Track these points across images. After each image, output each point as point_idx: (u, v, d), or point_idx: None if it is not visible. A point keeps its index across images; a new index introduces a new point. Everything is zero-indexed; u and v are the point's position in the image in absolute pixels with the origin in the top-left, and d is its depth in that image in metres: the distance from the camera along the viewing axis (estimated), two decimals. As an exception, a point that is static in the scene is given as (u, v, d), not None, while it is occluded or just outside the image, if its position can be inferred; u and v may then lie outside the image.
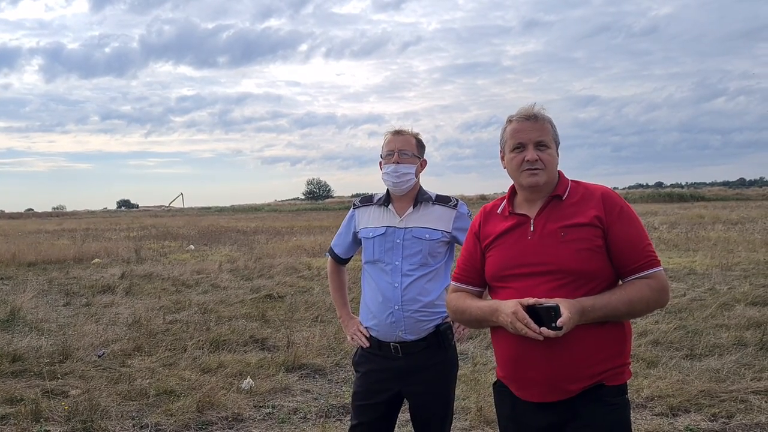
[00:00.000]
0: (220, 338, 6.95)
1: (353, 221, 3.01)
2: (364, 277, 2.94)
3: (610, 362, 2.07)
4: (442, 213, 2.87)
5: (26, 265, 14.68)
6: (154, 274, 12.66)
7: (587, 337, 2.01)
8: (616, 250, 2.07)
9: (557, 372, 2.04)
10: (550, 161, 2.14)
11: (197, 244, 20.66)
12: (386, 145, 2.90)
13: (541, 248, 2.09)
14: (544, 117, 2.17)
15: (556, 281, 2.04)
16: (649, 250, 2.09)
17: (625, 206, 2.12)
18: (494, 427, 4.35)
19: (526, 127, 2.14)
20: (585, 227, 2.07)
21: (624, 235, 2.07)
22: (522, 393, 2.14)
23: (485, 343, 6.66)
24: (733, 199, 51.72)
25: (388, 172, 2.84)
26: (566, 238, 2.07)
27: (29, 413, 4.67)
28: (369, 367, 2.88)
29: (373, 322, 2.85)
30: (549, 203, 2.15)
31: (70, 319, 8.39)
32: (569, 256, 2.05)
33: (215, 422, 4.67)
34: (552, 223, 2.11)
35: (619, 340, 2.10)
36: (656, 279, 2.07)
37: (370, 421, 2.85)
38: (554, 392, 2.07)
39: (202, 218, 47.07)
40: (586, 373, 2.04)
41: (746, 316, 7.39)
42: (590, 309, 1.99)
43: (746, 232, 18.75)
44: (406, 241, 2.81)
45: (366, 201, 3.00)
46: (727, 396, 4.80)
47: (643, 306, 2.06)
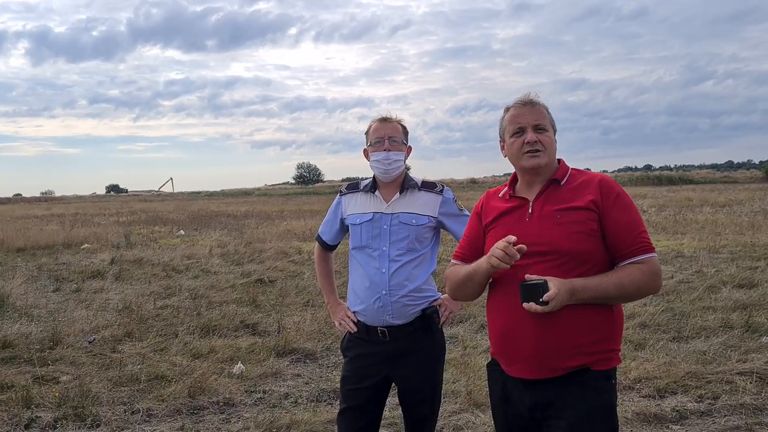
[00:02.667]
0: (211, 323, 6.96)
1: (340, 208, 3.02)
2: (351, 263, 2.95)
3: (598, 346, 2.11)
4: (428, 199, 2.89)
5: (15, 250, 14.58)
6: (144, 259, 12.62)
7: (576, 317, 2.06)
8: (610, 234, 2.12)
9: (545, 348, 2.09)
10: (549, 143, 2.22)
11: (187, 229, 20.60)
12: (374, 133, 2.89)
13: (537, 229, 2.15)
14: (540, 102, 2.26)
15: (550, 261, 2.09)
16: (643, 237, 2.13)
17: (621, 193, 2.17)
18: (484, 410, 4.40)
19: (524, 111, 2.23)
20: (581, 211, 2.13)
21: (619, 220, 2.12)
22: (511, 369, 2.20)
23: (475, 326, 6.71)
24: (721, 181, 52.06)
25: (378, 160, 2.84)
26: (561, 221, 2.13)
27: (20, 399, 4.67)
28: (357, 351, 2.89)
29: (361, 307, 2.86)
30: (548, 187, 2.22)
31: (60, 305, 8.36)
32: (563, 237, 2.11)
33: (206, 407, 4.69)
34: (549, 205, 2.18)
35: (609, 324, 2.14)
36: (649, 264, 2.11)
37: (359, 405, 2.87)
38: (541, 369, 2.11)
39: (192, 203, 46.88)
40: (573, 353, 2.08)
41: (733, 298, 7.48)
42: (580, 289, 2.04)
43: (734, 214, 18.89)
44: (393, 227, 2.82)
45: (352, 188, 3.01)
46: (713, 377, 4.87)
47: (633, 290, 2.10)
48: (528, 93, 2.28)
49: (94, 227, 21.35)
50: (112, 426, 4.35)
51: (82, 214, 32.15)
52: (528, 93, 2.28)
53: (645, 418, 4.26)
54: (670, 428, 4.14)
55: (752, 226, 15.33)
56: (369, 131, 2.92)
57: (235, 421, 4.44)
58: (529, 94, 2.26)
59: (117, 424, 4.39)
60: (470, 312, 7.22)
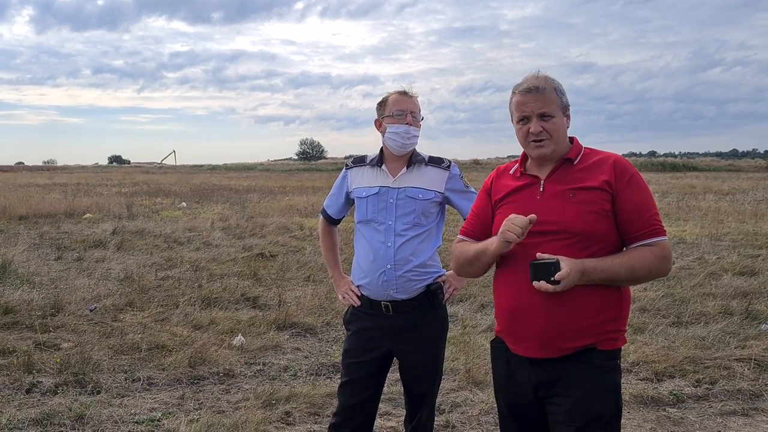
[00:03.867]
0: (212, 295, 6.98)
1: (346, 181, 2.99)
2: (356, 236, 2.94)
3: (604, 326, 2.11)
4: (435, 174, 2.87)
5: (17, 218, 14.60)
6: (146, 230, 12.64)
7: (585, 297, 2.06)
8: (622, 216, 2.10)
9: (552, 327, 2.08)
10: (556, 130, 2.16)
11: (189, 201, 20.60)
12: (394, 104, 2.84)
13: (548, 208, 2.13)
14: (547, 86, 2.16)
15: (562, 241, 2.08)
16: (655, 219, 2.12)
17: (635, 174, 2.14)
18: (482, 388, 4.43)
19: (528, 99, 2.16)
20: (594, 191, 2.11)
21: (631, 202, 2.10)
22: (517, 347, 2.19)
23: (475, 306, 6.73)
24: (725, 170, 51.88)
25: (398, 132, 2.80)
26: (574, 200, 2.11)
27: (21, 365, 4.71)
28: (360, 325, 2.89)
29: (366, 280, 2.85)
30: (560, 166, 2.19)
31: (62, 273, 8.39)
32: (575, 217, 2.09)
33: (206, 377, 4.72)
34: (561, 185, 2.15)
35: (616, 305, 2.13)
36: (660, 247, 2.09)
37: (360, 378, 2.87)
38: (548, 348, 2.11)
39: (195, 176, 46.85)
40: (580, 332, 2.08)
41: (733, 285, 7.49)
42: (591, 270, 2.02)
43: (737, 202, 18.86)
44: (399, 201, 2.81)
45: (359, 161, 2.97)
46: (711, 363, 4.89)
47: (644, 273, 2.09)
48: (536, 73, 2.19)
49: (96, 197, 21.37)
50: (112, 393, 4.38)
51: (85, 184, 32.15)
52: (536, 73, 2.19)
53: (642, 400, 4.29)
54: (666, 411, 4.17)
55: (755, 214, 15.30)
56: (387, 102, 2.87)
57: (234, 392, 4.47)
58: (536, 75, 2.19)
59: (117, 391, 4.42)
60: (470, 292, 7.23)
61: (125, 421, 3.95)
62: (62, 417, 3.97)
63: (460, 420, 4.02)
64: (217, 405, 4.24)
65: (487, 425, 3.97)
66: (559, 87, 2.20)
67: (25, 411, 4.05)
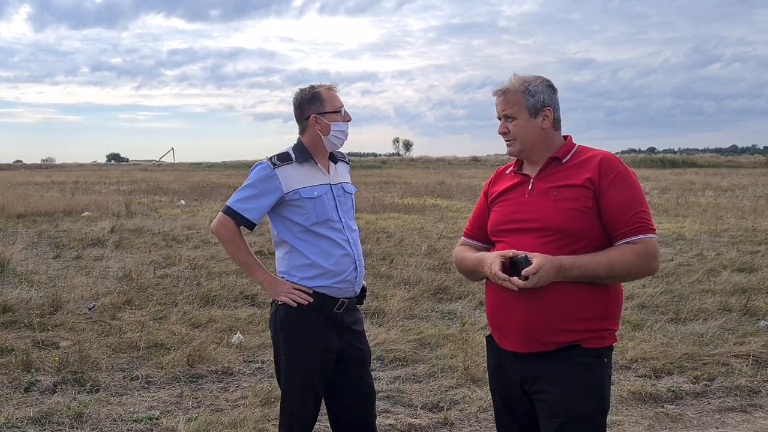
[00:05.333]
0: (211, 293, 6.97)
1: (276, 182, 2.72)
2: (308, 239, 2.75)
3: (588, 324, 2.12)
4: (345, 167, 2.97)
5: (15, 216, 14.59)
6: (145, 228, 12.63)
7: (565, 294, 2.08)
8: (606, 213, 2.11)
9: (532, 322, 2.12)
10: (518, 131, 2.22)
11: (188, 199, 20.59)
12: (333, 101, 2.77)
13: (533, 206, 2.19)
14: (513, 89, 2.23)
15: (543, 238, 2.12)
16: (641, 217, 2.11)
17: (622, 172, 2.14)
18: (480, 385, 4.43)
19: (496, 101, 2.28)
20: (576, 188, 2.14)
21: (615, 199, 2.10)
22: (502, 342, 2.25)
23: (474, 303, 6.73)
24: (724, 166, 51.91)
25: (343, 130, 2.80)
26: (557, 197, 2.15)
27: (20, 363, 4.71)
28: (323, 344, 2.76)
29: (334, 280, 2.74)
30: (549, 165, 2.23)
31: (60, 272, 8.39)
32: (556, 214, 2.12)
33: (205, 375, 4.72)
34: (548, 182, 2.20)
35: (601, 303, 2.14)
36: (644, 245, 2.09)
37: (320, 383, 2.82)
38: (530, 343, 2.15)
39: (193, 174, 46.82)
40: (560, 328, 2.11)
41: (732, 282, 7.49)
42: (568, 267, 2.05)
43: (736, 199, 18.87)
44: (341, 197, 2.83)
45: (285, 159, 2.77)
46: (709, 359, 4.89)
47: (624, 271, 2.09)
48: (512, 75, 2.26)
49: (94, 195, 21.35)
50: (111, 391, 4.38)
51: (83, 182, 32.12)
52: (512, 75, 2.26)
53: (640, 397, 4.29)
54: (664, 408, 4.17)
55: (754, 210, 15.31)
56: (323, 98, 2.76)
57: (233, 390, 4.47)
58: (513, 77, 2.25)
59: (116, 389, 4.42)
60: (469, 289, 7.23)
61: (124, 420, 3.95)
62: (61, 415, 3.97)
63: (458, 417, 4.03)
64: (216, 403, 4.24)
65: (485, 422, 3.98)
66: (532, 88, 2.21)
67: (24, 410, 4.05)
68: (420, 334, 5.56)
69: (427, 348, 5.29)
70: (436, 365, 4.87)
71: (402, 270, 8.15)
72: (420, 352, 5.20)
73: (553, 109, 2.23)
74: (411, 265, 8.53)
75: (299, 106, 2.80)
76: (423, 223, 13.66)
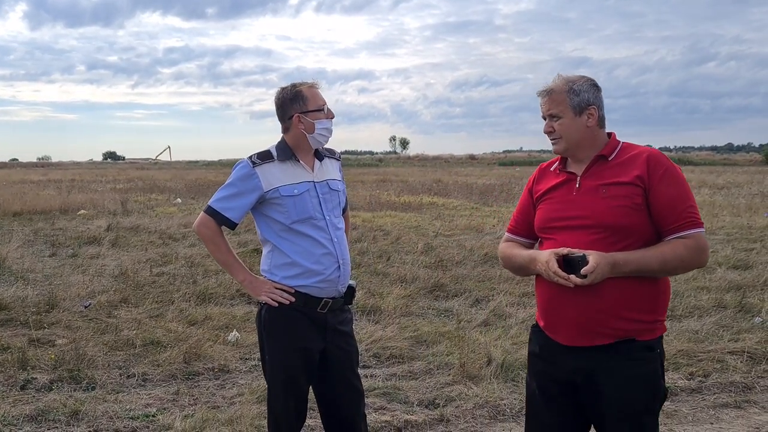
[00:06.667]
0: (207, 291, 6.97)
1: (256, 181, 2.71)
2: (290, 238, 2.74)
3: (640, 316, 2.19)
4: (334, 164, 2.92)
5: (11, 215, 14.55)
6: (141, 226, 12.61)
7: (618, 288, 2.14)
8: (656, 210, 2.17)
9: (586, 318, 2.18)
10: (563, 130, 2.27)
11: (184, 197, 20.56)
12: (316, 99, 2.75)
13: (582, 203, 2.25)
14: (557, 88, 2.28)
15: (594, 234, 2.18)
16: (690, 212, 2.18)
17: (670, 168, 2.21)
18: (477, 382, 4.44)
19: (541, 102, 2.33)
20: (626, 186, 2.19)
21: (665, 196, 2.17)
22: (555, 335, 2.30)
23: (470, 301, 6.75)
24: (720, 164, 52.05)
25: (327, 128, 2.78)
26: (606, 195, 2.20)
27: (16, 361, 4.70)
28: (303, 344, 2.76)
29: (315, 279, 2.73)
30: (595, 163, 2.28)
31: (56, 270, 8.37)
32: (606, 211, 2.18)
33: (202, 373, 4.73)
34: (595, 180, 2.25)
35: (652, 296, 2.21)
36: (694, 239, 2.16)
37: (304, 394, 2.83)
38: (583, 337, 2.21)
39: (190, 172, 46.73)
40: (614, 323, 2.17)
41: (727, 279, 7.52)
42: (622, 263, 2.11)
43: (731, 196, 18.92)
44: (326, 195, 2.79)
45: (266, 157, 2.75)
46: (704, 356, 4.91)
47: (677, 264, 2.17)
48: (556, 76, 2.31)
49: (90, 194, 21.32)
50: (107, 389, 4.38)
51: (79, 181, 32.05)
52: (556, 76, 2.31)
53: (636, 393, 4.30)
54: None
55: (750, 208, 15.36)
56: (305, 96, 2.73)
57: (229, 387, 4.47)
58: (556, 77, 2.31)
59: (112, 387, 4.42)
60: (465, 286, 7.25)
61: (120, 417, 3.95)
62: (57, 413, 3.97)
63: (454, 414, 4.04)
64: (212, 400, 4.25)
65: (481, 419, 3.99)
66: (576, 88, 2.27)
67: (20, 407, 4.05)
68: (416, 332, 5.57)
69: (424, 345, 5.30)
70: (433, 362, 4.88)
71: (398, 268, 8.16)
72: (416, 349, 5.21)
73: (598, 107, 2.29)
74: (407, 263, 8.54)
75: (281, 105, 2.77)
76: (420, 221, 13.66)
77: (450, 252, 9.38)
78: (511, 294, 6.90)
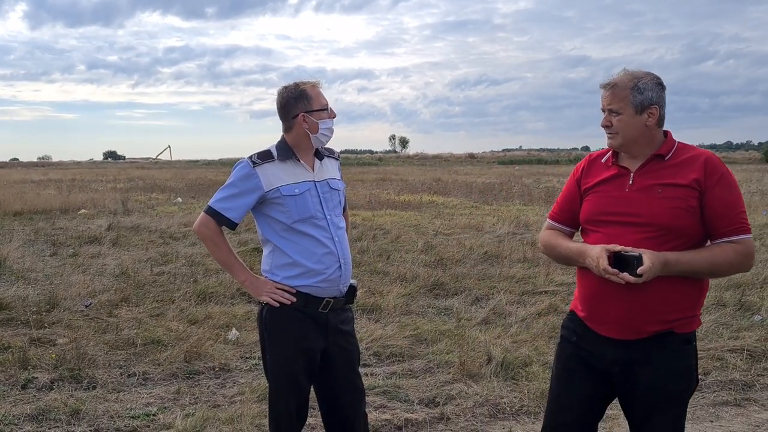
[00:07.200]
0: (208, 290, 6.98)
1: (256, 180, 2.70)
2: (291, 237, 2.74)
3: (681, 312, 2.26)
4: (333, 164, 2.92)
5: (12, 214, 14.54)
6: (142, 226, 12.61)
7: (665, 287, 2.19)
8: (710, 213, 2.21)
9: (631, 314, 2.23)
10: (621, 126, 2.27)
11: (185, 196, 20.55)
12: (319, 98, 2.75)
13: (636, 201, 2.26)
14: (621, 83, 2.27)
15: (645, 233, 2.21)
16: (742, 218, 2.23)
17: (725, 173, 2.24)
18: (476, 380, 4.45)
19: (603, 94, 2.32)
20: (683, 188, 2.21)
21: (719, 200, 2.20)
22: (599, 328, 2.34)
23: (470, 299, 6.75)
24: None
25: (330, 128, 2.78)
26: (661, 195, 2.22)
27: (17, 361, 4.71)
28: (305, 345, 2.76)
29: (316, 279, 2.73)
30: (651, 161, 2.29)
31: (57, 269, 8.38)
32: (662, 211, 2.20)
33: (202, 372, 4.74)
34: (651, 179, 2.26)
35: (695, 295, 2.28)
36: (744, 245, 2.21)
37: (306, 394, 2.83)
38: (627, 331, 2.26)
39: (190, 171, 46.73)
40: (657, 319, 2.23)
41: (726, 276, 7.51)
42: (673, 263, 2.15)
43: (731, 195, 18.89)
44: (327, 194, 2.79)
45: (266, 157, 2.74)
46: (704, 354, 4.92)
47: (725, 268, 2.23)
48: (621, 70, 2.31)
49: (91, 193, 21.31)
50: (108, 388, 4.39)
51: (80, 180, 32.04)
52: (621, 70, 2.31)
53: (635, 391, 4.31)
54: (659, 402, 4.19)
55: (748, 206, 15.30)
56: (309, 95, 2.73)
57: (230, 386, 4.49)
58: (623, 71, 2.30)
59: (113, 386, 4.43)
60: (465, 285, 7.26)
61: (121, 416, 3.96)
62: (58, 412, 3.98)
63: (454, 412, 4.05)
64: (213, 399, 4.26)
65: (481, 417, 4.00)
66: (641, 85, 2.26)
67: (21, 407, 4.06)
68: (416, 330, 5.58)
69: (424, 344, 5.31)
70: (433, 361, 4.89)
71: (398, 266, 8.16)
72: (416, 347, 5.22)
73: (660, 107, 2.28)
74: (407, 262, 8.55)
75: (285, 104, 2.75)
76: (419, 219, 13.66)
77: (450, 250, 9.39)
78: (510, 292, 6.91)
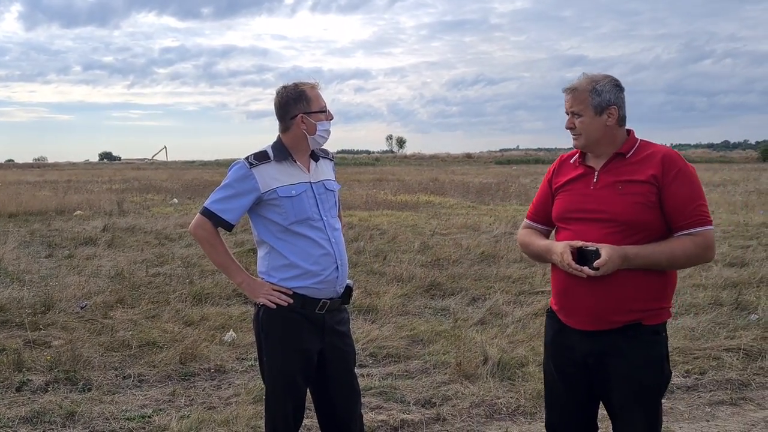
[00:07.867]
0: (203, 291, 6.96)
1: (252, 182, 2.68)
2: (287, 239, 2.73)
3: (647, 304, 2.34)
4: (328, 165, 2.93)
5: (7, 216, 14.51)
6: (137, 227, 12.59)
7: (629, 279, 2.29)
8: (668, 208, 2.31)
9: (599, 305, 2.33)
10: (584, 127, 2.39)
11: (181, 197, 20.52)
12: (318, 100, 2.74)
13: (600, 198, 2.38)
14: (581, 87, 2.39)
15: (609, 228, 2.32)
16: (701, 210, 2.31)
17: (683, 168, 2.33)
18: (473, 381, 4.44)
19: (565, 98, 2.45)
20: (641, 184, 2.32)
21: (677, 194, 2.30)
22: (569, 320, 2.46)
23: (466, 300, 6.75)
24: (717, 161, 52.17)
25: (328, 129, 2.78)
26: (622, 191, 2.33)
27: (11, 363, 4.69)
28: (302, 345, 2.75)
29: (313, 280, 2.71)
30: (613, 159, 2.41)
31: (52, 271, 8.35)
32: (624, 208, 2.31)
33: (198, 373, 4.72)
34: (613, 177, 2.38)
35: (660, 287, 2.36)
36: (702, 237, 2.30)
37: (303, 396, 2.82)
38: (597, 322, 2.37)
39: (186, 172, 46.65)
40: (625, 310, 2.32)
41: (723, 276, 7.52)
42: (633, 256, 2.26)
43: (728, 194, 18.96)
44: (322, 195, 2.79)
45: (262, 158, 2.72)
46: (701, 353, 4.92)
47: (684, 260, 2.33)
48: (581, 75, 2.42)
49: (86, 194, 21.25)
50: (103, 390, 4.37)
51: (75, 181, 31.97)
52: (581, 75, 2.42)
53: (632, 391, 4.31)
54: (656, 402, 4.19)
55: (746, 205, 15.39)
56: (308, 97, 2.72)
57: (225, 388, 4.47)
58: (582, 76, 2.41)
59: (108, 388, 4.42)
60: (461, 285, 7.25)
61: (116, 418, 3.95)
62: (53, 415, 3.96)
63: (450, 413, 4.04)
64: (209, 401, 4.24)
65: (477, 417, 3.99)
66: (599, 88, 2.38)
67: (16, 409, 4.04)
68: (413, 331, 5.58)
69: (420, 344, 5.30)
70: (429, 361, 4.88)
71: (395, 267, 8.15)
72: (413, 348, 5.21)
73: (618, 107, 2.39)
74: (404, 262, 8.54)
75: (284, 105, 2.74)
76: (416, 219, 13.66)
77: (446, 251, 9.38)
78: (507, 293, 6.91)
